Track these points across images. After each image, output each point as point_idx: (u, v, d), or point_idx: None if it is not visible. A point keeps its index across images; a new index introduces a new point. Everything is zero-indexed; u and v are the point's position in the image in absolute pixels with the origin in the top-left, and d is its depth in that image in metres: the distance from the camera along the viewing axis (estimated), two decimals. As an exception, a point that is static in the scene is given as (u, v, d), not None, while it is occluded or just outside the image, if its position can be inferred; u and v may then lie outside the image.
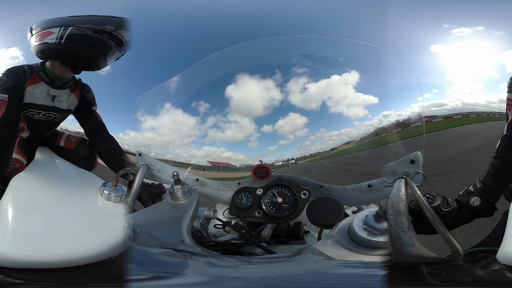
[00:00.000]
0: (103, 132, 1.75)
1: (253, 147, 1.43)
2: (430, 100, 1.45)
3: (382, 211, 0.71)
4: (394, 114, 1.30)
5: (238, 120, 1.45)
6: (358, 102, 1.33)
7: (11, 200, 0.96)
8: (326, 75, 1.38)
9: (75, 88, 1.70)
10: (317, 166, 1.43)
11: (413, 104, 1.27)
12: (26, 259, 0.74)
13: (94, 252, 0.76)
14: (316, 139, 1.39)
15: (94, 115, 1.76)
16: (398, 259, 0.68)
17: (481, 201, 1.00)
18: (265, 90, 1.41)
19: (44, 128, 1.73)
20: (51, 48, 1.43)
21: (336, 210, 1.05)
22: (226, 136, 1.46)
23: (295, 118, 1.39)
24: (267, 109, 1.42)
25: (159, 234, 0.89)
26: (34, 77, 1.55)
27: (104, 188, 1.03)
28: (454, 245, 0.67)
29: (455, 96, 1.85)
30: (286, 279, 0.66)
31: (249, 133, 1.43)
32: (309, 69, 1.38)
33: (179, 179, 1.10)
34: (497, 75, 2.40)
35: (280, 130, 1.39)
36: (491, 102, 1.99)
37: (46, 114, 1.66)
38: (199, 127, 1.45)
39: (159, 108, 1.45)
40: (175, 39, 2.08)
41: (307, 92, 1.38)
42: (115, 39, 1.47)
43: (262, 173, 1.36)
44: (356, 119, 1.35)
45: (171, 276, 0.69)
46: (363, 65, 1.36)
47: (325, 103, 1.37)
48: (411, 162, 0.97)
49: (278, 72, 1.40)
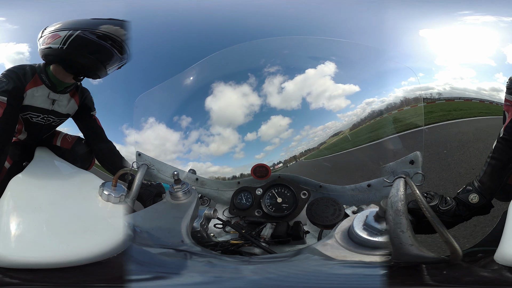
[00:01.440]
0: (102, 135, 1.75)
1: (239, 158, 1.41)
2: (415, 84, 1.48)
3: (382, 211, 0.71)
4: (378, 101, 1.27)
5: (220, 132, 1.42)
6: (339, 93, 1.30)
7: (10, 201, 0.96)
8: (300, 70, 1.35)
9: (75, 93, 1.69)
10: (317, 166, 1.42)
11: (396, 89, 1.25)
12: (25, 260, 0.74)
13: (94, 252, 0.76)
14: (302, 138, 1.36)
15: (94, 119, 1.77)
16: (397, 259, 0.68)
17: (480, 198, 1.02)
18: (242, 97, 1.38)
19: (42, 131, 1.72)
20: (54, 53, 1.43)
21: (336, 210, 1.05)
22: (210, 150, 1.42)
23: (277, 120, 1.36)
24: (248, 116, 1.39)
25: (159, 234, 0.89)
26: (35, 79, 1.53)
27: (104, 188, 1.03)
28: (453, 245, 0.67)
29: (444, 80, 1.86)
30: (286, 279, 0.66)
31: (233, 144, 1.40)
32: (282, 67, 1.35)
33: (179, 178, 1.11)
34: (495, 64, 2.39)
35: (265, 136, 1.36)
36: (482, 89, 2.01)
37: (45, 118, 1.64)
38: (183, 143, 1.42)
39: (143, 123, 1.44)
40: (174, 39, 2.09)
41: (285, 92, 1.36)
42: (118, 46, 1.46)
43: (262, 172, 1.36)
44: (339, 111, 1.32)
45: (171, 276, 0.70)
46: (338, 54, 1.33)
47: (305, 99, 1.34)
48: (411, 162, 0.97)
49: (252, 76, 1.38)
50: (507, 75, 2.13)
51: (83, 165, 1.76)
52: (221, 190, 1.48)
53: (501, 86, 2.29)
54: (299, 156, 1.39)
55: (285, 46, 1.42)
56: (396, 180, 0.77)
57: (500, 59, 2.07)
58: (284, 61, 1.37)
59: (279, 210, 1.29)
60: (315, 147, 1.38)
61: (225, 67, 1.43)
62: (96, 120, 1.77)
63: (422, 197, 0.71)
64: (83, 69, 1.50)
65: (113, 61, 1.50)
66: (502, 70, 2.06)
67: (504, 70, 2.11)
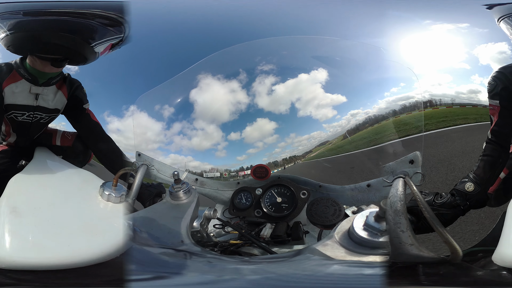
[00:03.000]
0: (99, 132, 1.61)
1: (221, 157, 1.38)
2: (396, 94, 1.50)
3: (382, 211, 0.71)
4: (362, 113, 1.29)
5: (204, 127, 1.38)
6: (327, 102, 1.30)
7: (9, 201, 0.96)
8: (293, 74, 1.34)
9: (62, 85, 1.51)
10: (316, 166, 1.42)
11: (380, 100, 1.27)
12: (25, 261, 0.73)
13: (95, 253, 0.76)
14: (286, 145, 1.35)
15: (87, 114, 1.60)
16: (397, 258, 0.68)
17: (475, 187, 1.10)
18: (230, 93, 1.35)
19: (31, 130, 1.58)
20: (12, 42, 1.27)
21: (336, 210, 1.05)
22: (192, 144, 1.38)
23: (263, 123, 1.34)
24: (234, 115, 1.36)
25: (159, 234, 0.89)
26: (13, 75, 1.38)
27: (104, 188, 1.03)
28: (452, 245, 0.67)
29: (423, 88, 1.87)
30: (286, 279, 0.66)
31: (215, 141, 1.37)
32: (275, 69, 1.33)
33: (179, 178, 1.11)
34: (469, 67, 2.46)
35: (249, 138, 1.33)
36: (460, 93, 2.04)
37: (31, 115, 1.49)
38: (165, 133, 1.38)
39: (124, 110, 1.41)
40: (175, 38, 2.08)
41: (274, 94, 1.34)
42: (102, 20, 1.27)
43: (262, 173, 1.36)
44: (325, 121, 1.32)
45: (171, 276, 0.70)
46: (331, 61, 1.33)
47: (293, 105, 1.33)
48: (410, 162, 0.97)
49: (243, 73, 1.35)
50: (483, 75, 2.17)
51: (84, 159, 1.68)
52: (220, 190, 1.48)
53: (479, 87, 2.36)
54: (282, 163, 1.38)
55: (283, 46, 1.40)
56: (396, 180, 0.77)
57: (473, 61, 2.14)
58: (279, 62, 1.35)
59: (278, 210, 1.29)
60: (299, 155, 1.37)
61: (222, 67, 1.40)
62: (90, 114, 1.60)
63: (421, 197, 0.71)
64: (56, 49, 1.30)
65: (96, 35, 1.30)
66: (477, 71, 2.15)
67: (479, 71, 2.20)
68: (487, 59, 1.96)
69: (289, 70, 1.36)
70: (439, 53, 1.87)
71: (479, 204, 1.13)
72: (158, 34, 1.97)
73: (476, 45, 1.96)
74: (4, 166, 1.53)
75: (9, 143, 1.64)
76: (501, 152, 1.15)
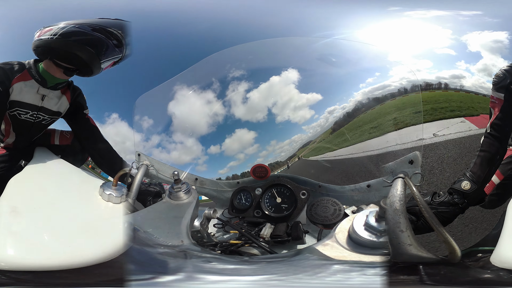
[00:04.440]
0: (99, 135, 1.68)
1: (202, 171, 1.37)
2: (372, 85, 1.49)
3: (382, 211, 0.71)
4: (339, 108, 1.28)
5: (183, 141, 1.36)
6: (303, 103, 1.28)
7: (9, 201, 0.95)
8: (264, 78, 1.30)
9: (66, 90, 1.60)
10: (316, 166, 1.42)
11: (356, 93, 1.24)
12: (25, 261, 0.73)
13: (95, 253, 0.75)
14: (268, 153, 1.34)
15: (87, 119, 1.68)
16: (396, 258, 0.68)
17: (471, 185, 1.09)
18: (206, 105, 1.32)
19: (32, 131, 1.62)
20: (44, 44, 1.37)
21: (336, 210, 1.05)
22: (172, 158, 1.36)
23: (242, 134, 1.32)
24: (211, 127, 1.34)
25: (159, 234, 0.89)
26: (24, 74, 1.46)
27: (104, 189, 1.03)
28: (451, 245, 0.67)
29: (400, 75, 1.84)
30: (286, 279, 0.67)
31: (195, 155, 1.35)
32: (246, 74, 1.30)
33: (179, 178, 1.11)
34: (455, 53, 2.45)
35: (228, 150, 1.31)
36: (441, 78, 2.04)
37: (34, 115, 1.54)
38: (143, 145, 1.36)
39: (106, 117, 1.38)
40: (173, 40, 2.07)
41: (250, 102, 1.31)
42: (113, 38, 1.39)
43: (261, 172, 1.36)
44: (304, 122, 1.30)
45: (171, 276, 0.70)
46: (299, 60, 1.29)
47: (270, 111, 1.30)
48: (410, 162, 0.97)
49: (216, 84, 1.31)
50: (470, 62, 2.19)
51: (84, 157, 1.72)
52: (220, 190, 1.48)
53: (463, 73, 2.37)
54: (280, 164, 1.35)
55: (249, 51, 1.34)
56: (395, 180, 0.77)
57: (460, 47, 2.14)
58: (249, 68, 1.31)
59: (278, 210, 1.29)
60: (283, 161, 1.36)
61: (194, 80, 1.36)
62: (90, 119, 1.69)
63: (421, 197, 0.71)
64: (74, 60, 1.40)
65: (108, 52, 1.41)
66: (464, 58, 2.15)
67: (466, 58, 2.21)
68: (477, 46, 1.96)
69: (259, 74, 1.32)
70: (419, 39, 1.86)
71: (477, 201, 1.13)
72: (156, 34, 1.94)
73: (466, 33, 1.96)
74: (3, 171, 1.56)
75: (7, 144, 1.64)
76: (499, 147, 1.13)
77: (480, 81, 2.47)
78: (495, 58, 2.33)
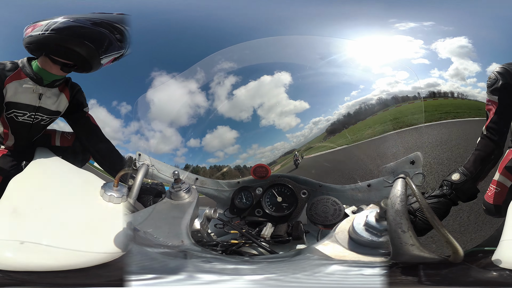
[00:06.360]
0: (99, 134, 1.62)
1: (180, 163, 1.32)
2: (356, 98, 1.48)
3: (383, 211, 0.71)
4: (323, 120, 1.25)
5: (162, 130, 1.29)
6: (290, 108, 1.24)
7: (10, 202, 0.96)
8: (255, 76, 1.26)
9: (64, 88, 1.51)
10: (316, 165, 1.42)
11: (340, 106, 1.23)
12: (26, 262, 0.73)
13: (96, 254, 0.76)
14: (248, 156, 1.29)
15: (87, 117, 1.62)
16: (397, 259, 0.68)
17: (461, 176, 1.12)
18: (189, 95, 1.26)
19: (31, 132, 1.56)
20: (35, 40, 1.28)
21: (336, 210, 1.05)
22: (150, 146, 1.30)
23: (224, 131, 1.26)
24: (192, 119, 1.28)
25: (159, 234, 0.89)
26: (17, 73, 1.37)
27: (105, 189, 1.03)
28: (454, 245, 0.67)
29: (380, 88, 1.84)
30: (286, 279, 0.66)
31: (174, 146, 1.29)
32: (236, 69, 1.25)
33: (179, 178, 1.10)
34: (429, 62, 2.51)
35: (208, 146, 1.26)
36: (418, 88, 2.06)
37: (32, 116, 1.46)
38: (122, 131, 1.34)
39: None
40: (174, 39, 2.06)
41: (235, 98, 1.26)
42: (117, 33, 1.30)
43: (262, 172, 1.36)
44: (288, 130, 1.27)
45: (171, 276, 0.70)
46: (292, 63, 1.25)
47: (256, 112, 1.26)
48: (411, 162, 0.97)
49: (202, 74, 1.25)
50: (442, 69, 2.23)
51: (85, 158, 1.69)
52: (221, 190, 1.48)
53: (437, 81, 2.42)
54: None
55: (247, 47, 1.29)
56: (396, 180, 0.77)
57: (432, 56, 2.19)
58: (240, 63, 1.26)
59: (279, 210, 1.29)
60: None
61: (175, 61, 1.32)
62: (90, 117, 1.62)
63: (422, 198, 0.71)
64: (72, 55, 1.31)
65: (110, 47, 1.32)
66: (437, 66, 2.21)
67: (439, 65, 2.27)
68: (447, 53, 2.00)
69: (251, 72, 1.27)
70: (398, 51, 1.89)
71: (468, 195, 1.13)
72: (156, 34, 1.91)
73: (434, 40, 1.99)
74: (12, 169, 1.52)
75: (8, 147, 1.61)
76: (495, 149, 1.16)
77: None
78: (465, 62, 2.39)
